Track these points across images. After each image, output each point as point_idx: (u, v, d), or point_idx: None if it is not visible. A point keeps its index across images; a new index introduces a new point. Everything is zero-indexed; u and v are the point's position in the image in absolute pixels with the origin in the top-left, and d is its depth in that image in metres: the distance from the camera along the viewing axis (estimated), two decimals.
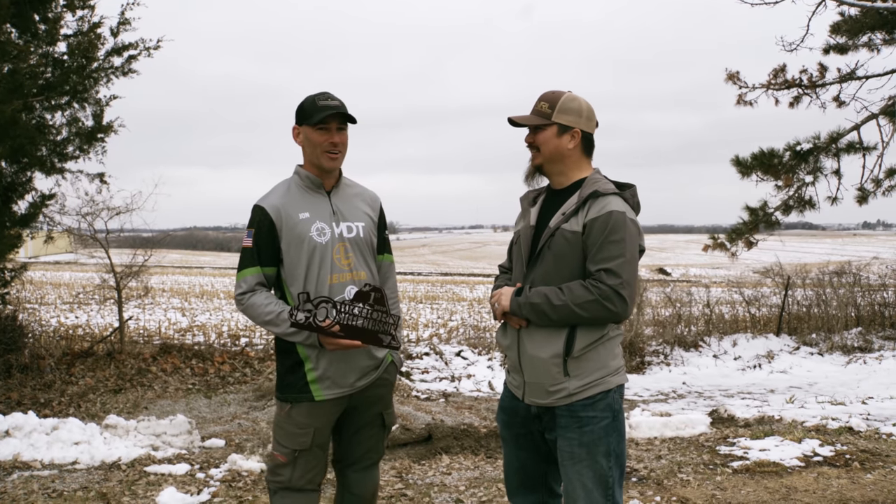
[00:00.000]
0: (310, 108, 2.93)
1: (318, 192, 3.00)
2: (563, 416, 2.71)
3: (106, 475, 5.24)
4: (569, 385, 2.68)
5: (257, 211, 2.94)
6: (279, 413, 3.01)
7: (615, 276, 2.58)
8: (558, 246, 2.69)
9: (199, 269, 40.53)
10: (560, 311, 2.62)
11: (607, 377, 2.71)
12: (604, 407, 2.70)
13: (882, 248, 26.43)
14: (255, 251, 2.92)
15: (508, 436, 2.96)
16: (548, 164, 2.82)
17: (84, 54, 7.36)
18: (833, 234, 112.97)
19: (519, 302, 2.70)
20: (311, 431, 2.95)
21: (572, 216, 2.69)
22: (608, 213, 2.64)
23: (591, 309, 2.60)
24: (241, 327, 14.10)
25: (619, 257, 2.60)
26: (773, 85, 13.10)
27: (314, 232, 2.92)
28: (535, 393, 2.76)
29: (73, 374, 8.84)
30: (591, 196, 2.69)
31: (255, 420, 7.58)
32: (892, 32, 13.12)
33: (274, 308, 2.87)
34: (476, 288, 28.95)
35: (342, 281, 2.95)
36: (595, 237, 2.63)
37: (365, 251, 3.05)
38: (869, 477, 5.04)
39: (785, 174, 12.32)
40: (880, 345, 11.91)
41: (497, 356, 11.51)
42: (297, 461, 2.97)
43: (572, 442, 2.70)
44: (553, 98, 2.80)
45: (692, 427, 6.66)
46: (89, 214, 9.10)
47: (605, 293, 2.58)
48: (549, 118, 2.77)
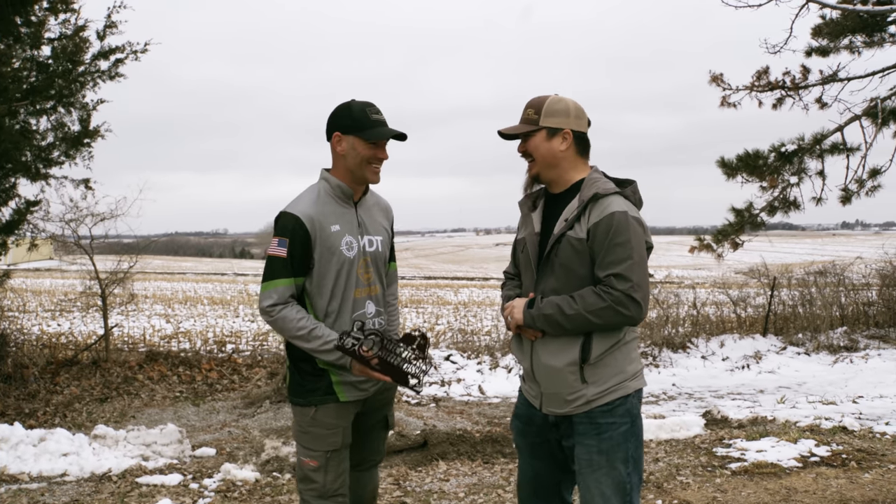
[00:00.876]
0: (362, 119, 2.88)
1: (348, 203, 2.97)
2: (582, 423, 2.67)
3: (97, 487, 5.14)
4: (587, 392, 2.64)
5: (291, 219, 2.85)
6: (301, 420, 2.97)
7: (625, 280, 2.54)
8: (565, 254, 2.64)
9: (181, 275, 40.20)
10: (574, 320, 2.58)
11: (625, 382, 2.67)
12: (623, 412, 2.66)
13: (861, 248, 26.68)
14: (289, 261, 2.84)
15: (524, 444, 2.91)
16: (544, 171, 2.76)
17: (70, 58, 7.24)
18: (813, 234, 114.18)
19: (532, 314, 2.66)
20: (340, 430, 2.95)
21: (575, 222, 2.64)
22: (610, 214, 2.58)
23: (605, 315, 2.56)
24: (226, 333, 13.97)
25: (627, 260, 2.55)
26: (756, 87, 13.18)
27: (344, 246, 2.90)
28: (553, 403, 2.71)
29: (57, 383, 8.70)
30: (592, 199, 2.63)
31: (246, 428, 7.48)
32: (872, 35, 13.26)
33: (307, 324, 2.84)
34: (460, 292, 28.92)
35: (362, 296, 2.97)
36: (600, 241, 2.57)
37: (380, 265, 3.08)
38: (867, 476, 5.05)
39: (770, 175, 12.39)
40: (865, 344, 12.00)
41: (487, 360, 11.47)
42: (328, 463, 2.95)
43: (591, 449, 2.66)
44: (538, 103, 2.75)
45: (687, 429, 6.66)
46: (73, 221, 8.96)
47: (617, 299, 2.53)
48: (537, 123, 2.72)
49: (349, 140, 2.89)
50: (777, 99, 13.19)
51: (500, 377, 10.84)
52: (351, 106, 2.91)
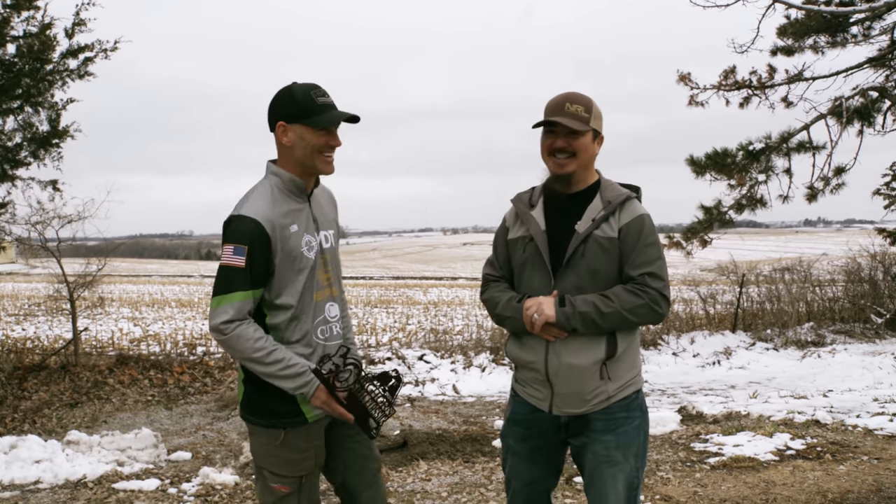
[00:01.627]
0: (307, 105, 2.56)
1: (301, 197, 2.67)
2: (599, 419, 2.65)
3: (72, 494, 5.04)
4: (607, 388, 2.62)
5: (248, 224, 2.50)
6: (269, 443, 2.67)
7: (659, 279, 2.59)
8: (593, 253, 2.60)
9: (146, 278, 39.67)
10: (609, 318, 2.55)
11: (637, 377, 2.71)
12: (636, 406, 2.69)
13: (825, 245, 27.19)
14: (248, 271, 2.50)
15: (523, 450, 2.80)
16: (580, 171, 2.67)
17: (37, 56, 7.08)
18: (777, 231, 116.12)
19: (566, 313, 2.56)
20: (312, 452, 2.71)
21: (603, 222, 2.61)
22: (640, 216, 2.63)
23: (642, 313, 2.57)
24: (196, 336, 13.80)
25: (658, 259, 2.62)
26: (723, 86, 13.37)
27: (304, 247, 2.63)
28: (570, 403, 2.66)
29: (25, 388, 8.54)
30: (624, 201, 2.64)
31: (221, 431, 7.40)
32: (835, 36, 13.51)
33: (265, 345, 2.52)
34: (429, 291, 28.92)
35: (323, 298, 2.71)
36: (632, 242, 2.60)
37: (337, 262, 2.83)
38: (842, 468, 5.14)
39: (738, 173, 12.58)
40: (832, 339, 12.22)
41: (460, 359, 11.46)
42: (302, 488, 2.72)
43: (609, 444, 2.64)
44: (587, 102, 2.64)
45: (663, 425, 6.71)
46: (40, 223, 8.77)
47: (653, 297, 2.57)
48: (588, 123, 2.62)
49: (296, 129, 2.56)
50: (744, 98, 13.39)
51: (473, 376, 10.85)
52: (293, 90, 2.58)
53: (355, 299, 24.08)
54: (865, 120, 12.82)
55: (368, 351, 11.83)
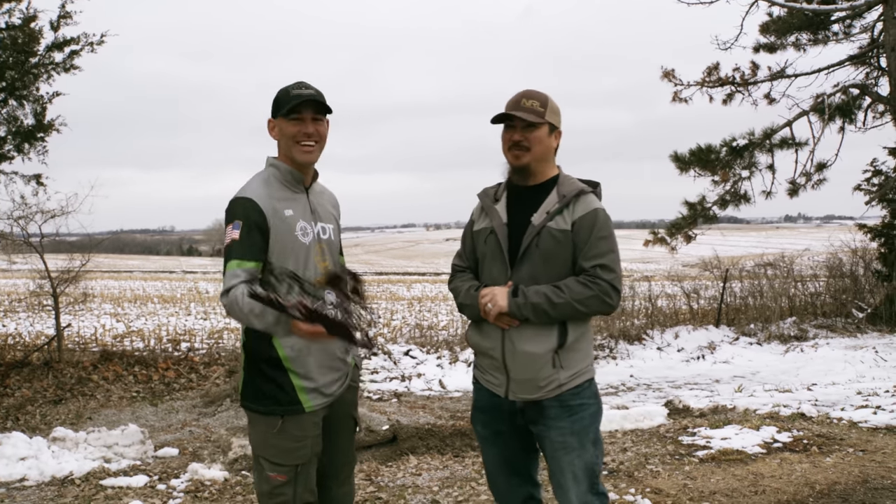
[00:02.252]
0: (283, 99, 2.73)
1: (298, 188, 2.81)
2: (553, 406, 2.75)
3: (59, 491, 4.99)
4: (559, 376, 2.72)
5: (243, 202, 2.65)
6: (267, 431, 2.74)
7: (610, 270, 2.67)
8: (546, 245, 2.71)
9: (128, 274, 39.33)
10: (561, 308, 2.65)
11: (590, 366, 2.82)
12: (590, 394, 2.79)
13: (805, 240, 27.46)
14: (242, 243, 2.62)
15: (489, 434, 2.93)
16: (535, 164, 2.79)
17: (21, 49, 6.98)
18: (757, 227, 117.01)
19: (518, 303, 2.66)
20: (308, 442, 2.77)
21: (557, 215, 2.72)
22: (594, 210, 2.72)
23: (592, 304, 2.67)
24: (179, 332, 13.71)
25: (610, 252, 2.70)
26: (707, 82, 13.47)
27: (298, 231, 2.73)
28: (524, 389, 2.76)
29: (7, 385, 8.44)
30: (577, 195, 2.74)
31: (207, 427, 7.36)
32: (816, 33, 13.64)
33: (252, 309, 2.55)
34: (413, 287, 28.91)
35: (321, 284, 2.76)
36: (584, 235, 2.69)
37: (335, 253, 2.93)
38: (828, 460, 5.19)
39: (722, 169, 12.67)
40: (814, 333, 12.36)
41: (446, 354, 11.47)
42: (298, 477, 2.77)
43: (564, 431, 2.74)
44: (542, 97, 2.78)
45: (650, 419, 6.75)
46: (22, 218, 8.67)
47: (603, 288, 2.65)
48: (543, 117, 2.76)
49: (278, 123, 2.76)
50: (727, 94, 13.50)
51: (459, 371, 10.85)
52: (279, 91, 2.78)
53: None
54: (847, 117, 12.96)
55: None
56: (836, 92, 12.68)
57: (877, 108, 13.13)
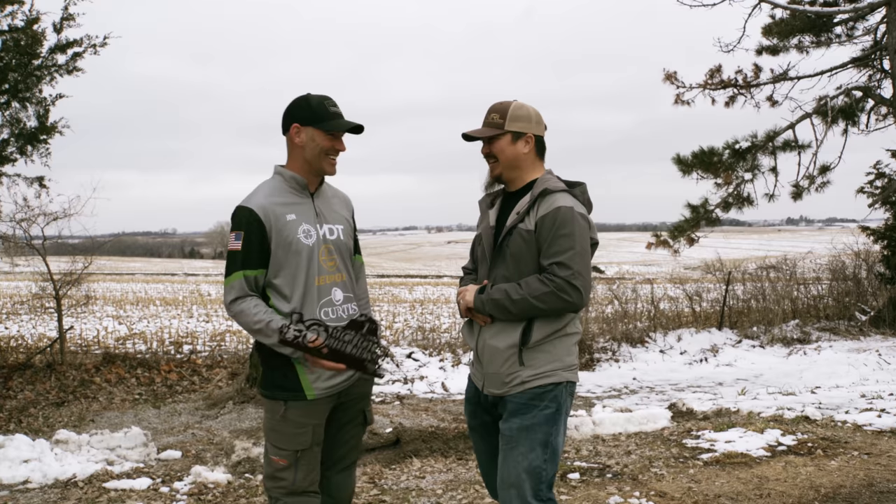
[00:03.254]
0: (320, 111, 2.89)
1: (303, 193, 2.96)
2: (512, 402, 2.83)
3: (63, 493, 4.98)
4: (522, 374, 2.80)
5: (245, 212, 2.84)
6: (272, 417, 2.92)
7: (566, 267, 2.73)
8: (515, 244, 2.83)
9: (130, 276, 39.35)
10: (519, 304, 2.75)
11: (559, 371, 2.83)
12: (550, 398, 2.82)
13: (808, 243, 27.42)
14: (245, 254, 2.83)
15: (476, 424, 3.09)
16: (506, 172, 2.95)
17: (24, 51, 6.98)
18: (759, 230, 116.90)
19: (482, 299, 2.83)
20: (309, 430, 2.90)
21: (525, 215, 2.84)
22: (556, 208, 2.78)
23: (549, 301, 2.73)
24: (182, 334, 13.72)
25: (570, 250, 2.75)
26: (709, 85, 13.45)
27: (301, 234, 2.89)
28: (493, 383, 2.89)
29: (10, 387, 8.43)
30: (541, 194, 2.83)
31: (210, 429, 7.35)
32: (819, 35, 13.63)
33: (263, 317, 2.80)
34: (415, 289, 28.91)
35: (327, 283, 2.95)
36: (546, 233, 2.77)
37: (344, 253, 3.06)
38: (833, 464, 5.18)
39: (724, 172, 12.66)
40: (817, 336, 12.33)
41: (449, 357, 11.47)
42: (298, 462, 2.90)
43: (513, 426, 2.82)
44: (502, 108, 2.92)
45: (654, 422, 6.74)
46: (25, 220, 8.67)
47: (559, 285, 2.72)
48: (502, 128, 2.90)
49: (308, 131, 2.89)
50: (730, 97, 13.48)
51: (462, 374, 10.83)
52: (309, 98, 2.93)
53: None
54: (850, 119, 12.95)
55: None
56: (839, 94, 12.67)
57: (880, 110, 13.12)
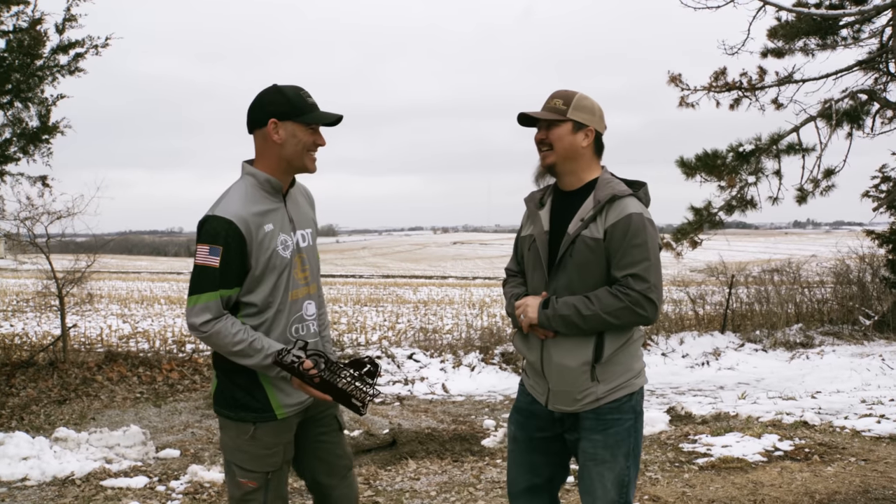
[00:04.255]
0: (299, 104, 2.64)
1: (277, 197, 2.70)
2: (589, 418, 2.70)
3: (60, 491, 5.01)
4: (596, 390, 2.66)
5: (223, 225, 2.54)
6: (238, 437, 2.70)
7: (643, 280, 2.57)
8: (580, 254, 2.64)
9: (136, 275, 39.48)
10: (590, 321, 2.59)
11: (632, 380, 2.71)
12: (628, 409, 2.70)
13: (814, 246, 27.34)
14: (224, 272, 2.55)
15: (522, 437, 2.90)
16: (561, 163, 2.75)
17: (26, 52, 7.03)
18: (766, 232, 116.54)
19: (547, 315, 2.65)
20: (280, 449, 2.75)
21: (591, 222, 2.65)
22: (627, 216, 2.61)
23: (623, 316, 2.58)
24: (185, 333, 13.75)
25: (645, 261, 2.59)
26: (714, 87, 13.41)
27: (280, 246, 2.66)
28: (562, 400, 2.73)
29: (13, 385, 8.47)
30: (609, 200, 2.65)
31: (209, 428, 7.38)
32: (825, 38, 13.58)
33: (245, 337, 2.56)
34: (419, 290, 28.92)
35: (300, 297, 2.76)
36: (617, 243, 2.60)
37: (314, 261, 2.87)
38: (830, 469, 5.17)
39: (728, 175, 12.63)
40: (820, 340, 12.29)
41: (450, 358, 11.47)
42: (269, 484, 2.75)
43: (596, 444, 2.69)
44: (567, 96, 2.75)
45: (652, 425, 6.73)
46: (29, 219, 8.72)
47: (634, 299, 2.56)
48: (564, 115, 2.71)
49: (288, 127, 2.63)
50: (734, 99, 13.44)
51: (463, 375, 10.85)
52: (283, 91, 2.66)
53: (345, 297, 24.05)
54: (855, 122, 12.90)
55: (358, 349, 11.81)
56: (844, 97, 12.63)
57: (885, 113, 13.07)
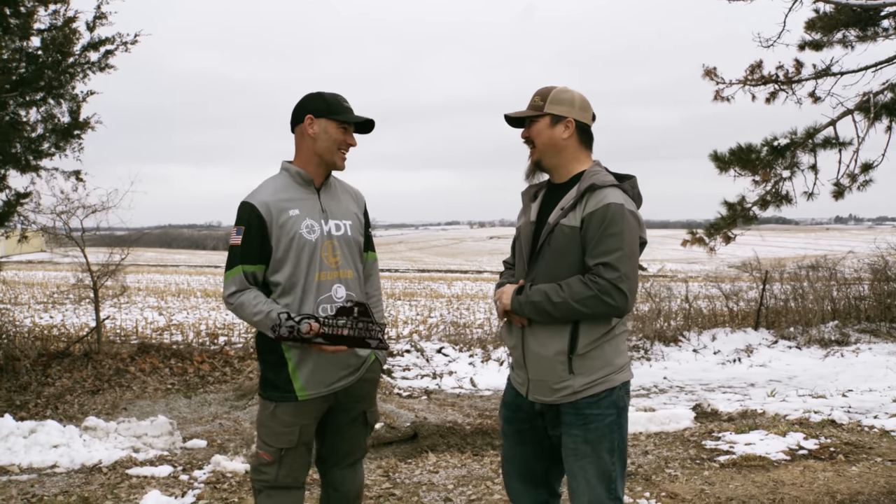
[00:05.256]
0: (335, 105, 2.94)
1: (308, 188, 2.97)
2: (568, 413, 2.70)
3: (87, 478, 5.14)
4: (574, 383, 2.66)
5: (246, 208, 2.88)
6: (263, 412, 2.98)
7: (613, 269, 2.55)
8: (558, 242, 2.67)
9: (174, 268, 40.11)
10: (560, 308, 2.60)
11: (612, 375, 2.69)
12: (608, 404, 2.69)
13: (855, 242, 26.76)
14: (244, 249, 2.87)
15: (510, 431, 2.95)
16: (545, 158, 2.79)
17: (59, 49, 7.20)
18: (807, 228, 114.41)
19: (520, 300, 2.69)
20: (296, 430, 2.93)
21: (570, 211, 2.66)
22: (605, 205, 2.60)
23: (591, 304, 2.58)
24: (219, 326, 13.97)
25: (618, 250, 2.57)
26: (749, 81, 13.17)
27: (304, 229, 2.90)
28: (540, 390, 2.74)
29: (49, 375, 8.69)
30: (589, 189, 2.65)
31: (237, 420, 7.49)
32: (865, 29, 13.26)
33: (263, 308, 2.82)
34: (454, 284, 28.95)
35: (329, 279, 2.94)
36: (593, 231, 2.60)
37: (352, 249, 3.05)
38: (854, 469, 5.08)
39: (762, 169, 12.40)
40: (856, 338, 12.05)
41: (479, 352, 11.49)
42: (282, 459, 2.95)
43: (577, 439, 2.69)
44: (545, 91, 2.79)
45: (676, 422, 6.68)
46: (65, 213, 8.94)
47: (603, 288, 2.55)
48: (542, 109, 2.77)
49: (321, 123, 2.92)
50: (770, 93, 13.17)
51: (491, 370, 10.86)
52: (323, 93, 2.98)
53: None
54: (894, 115, 12.58)
55: (389, 343, 11.88)
56: (884, 89, 12.32)
57: None
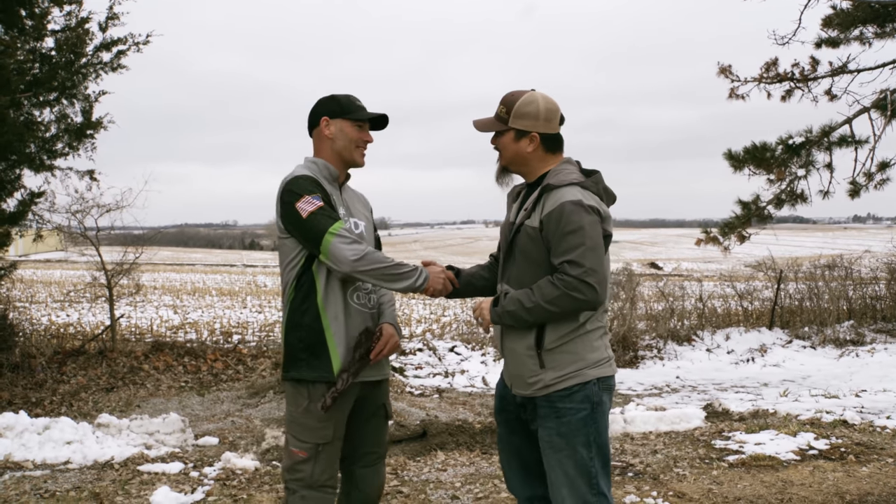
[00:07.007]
0: (348, 105, 2.99)
1: (333, 184, 3.01)
2: (543, 406, 2.77)
3: (99, 475, 5.19)
4: (545, 377, 2.73)
5: (308, 179, 2.88)
6: (295, 409, 2.93)
7: (577, 265, 2.60)
8: (523, 242, 2.76)
9: (190, 267, 40.41)
10: (535, 312, 2.66)
11: (584, 370, 2.73)
12: (582, 398, 2.73)
13: (873, 241, 26.52)
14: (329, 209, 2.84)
15: (501, 420, 3.05)
16: (511, 166, 2.90)
17: (72, 49, 7.28)
18: (824, 227, 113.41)
19: (497, 313, 2.77)
20: (331, 423, 2.92)
21: (532, 212, 2.74)
22: (560, 205, 2.64)
23: (561, 303, 2.62)
24: (233, 324, 14.06)
25: (579, 246, 2.61)
26: (765, 78, 13.07)
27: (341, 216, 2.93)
28: (518, 384, 2.84)
29: (64, 372, 8.79)
30: (545, 190, 2.72)
31: (249, 417, 7.54)
32: (883, 26, 13.12)
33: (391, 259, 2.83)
34: None
35: None
36: (552, 231, 2.65)
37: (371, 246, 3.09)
38: (864, 470, 5.04)
39: (777, 168, 12.31)
40: (872, 338, 11.95)
41: (490, 351, 11.50)
42: (318, 455, 2.92)
43: (551, 432, 2.75)
44: (510, 101, 2.80)
45: (687, 421, 6.65)
46: (79, 212, 9.04)
47: (570, 284, 2.60)
48: (506, 123, 2.80)
49: (337, 123, 2.97)
50: (786, 91, 13.06)
51: None
52: (335, 95, 3.04)
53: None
54: None
55: (401, 342, 11.91)
56: None
57: None
